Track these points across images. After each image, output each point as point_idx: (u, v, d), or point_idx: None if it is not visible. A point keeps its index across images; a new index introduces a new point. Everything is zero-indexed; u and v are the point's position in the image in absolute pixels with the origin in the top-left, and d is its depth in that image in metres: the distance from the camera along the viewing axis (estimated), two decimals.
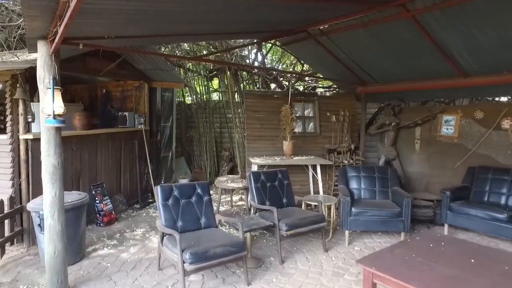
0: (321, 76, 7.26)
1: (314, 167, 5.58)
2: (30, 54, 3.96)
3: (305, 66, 8.73)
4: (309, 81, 8.81)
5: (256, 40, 5.15)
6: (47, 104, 2.72)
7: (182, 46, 7.92)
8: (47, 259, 2.96)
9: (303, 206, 4.76)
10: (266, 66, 8.79)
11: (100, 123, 6.37)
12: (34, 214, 3.52)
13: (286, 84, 8.30)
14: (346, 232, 4.30)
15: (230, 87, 7.69)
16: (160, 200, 3.49)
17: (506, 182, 4.51)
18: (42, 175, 2.92)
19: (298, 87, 8.52)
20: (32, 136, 3.96)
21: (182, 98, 8.48)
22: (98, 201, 4.80)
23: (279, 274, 3.51)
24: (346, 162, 5.95)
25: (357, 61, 5.41)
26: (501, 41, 3.78)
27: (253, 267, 3.63)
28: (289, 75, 8.43)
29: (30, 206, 3.54)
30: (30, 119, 4.05)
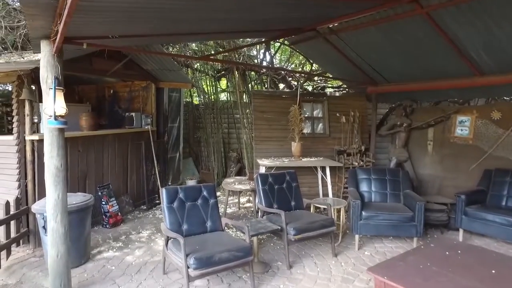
0: (330, 76, 7.12)
1: (323, 169, 5.46)
2: (37, 54, 3.94)
3: (314, 66, 8.60)
4: (318, 81, 8.68)
5: (264, 39, 5.05)
6: (49, 104, 2.67)
7: (190, 46, 7.87)
8: (50, 262, 2.91)
9: (312, 209, 4.64)
10: (275, 66, 8.69)
11: (107, 124, 6.37)
12: (39, 216, 3.48)
13: (294, 84, 8.19)
14: (356, 236, 4.16)
15: (238, 87, 7.61)
16: (165, 202, 3.42)
17: None
18: (45, 177, 2.87)
19: (307, 87, 8.40)
20: (38, 137, 3.94)
21: (190, 99, 8.43)
22: (104, 202, 4.77)
23: (287, 280, 3.41)
24: (356, 164, 5.81)
25: (367, 60, 5.26)
26: None
27: (260, 272, 3.53)
28: (297, 75, 8.31)
29: (35, 207, 3.51)
30: (36, 120, 4.04)
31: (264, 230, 3.54)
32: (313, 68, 8.67)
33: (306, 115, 6.25)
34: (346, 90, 7.64)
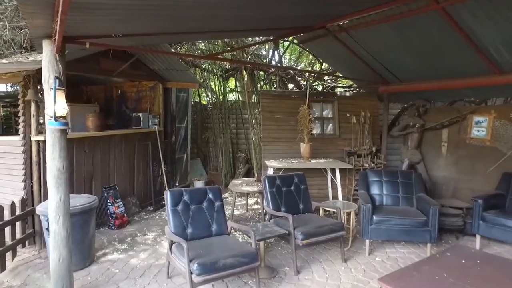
0: (340, 75, 6.96)
1: (333, 171, 5.31)
2: (40, 55, 3.90)
3: (324, 65, 8.44)
4: (328, 80, 8.52)
5: (272, 37, 4.93)
6: (50, 105, 2.61)
7: (198, 46, 7.81)
8: (52, 266, 2.86)
9: (321, 212, 4.51)
10: (284, 65, 8.56)
11: (115, 124, 6.35)
12: (43, 217, 3.45)
13: (304, 84, 8.04)
14: (367, 241, 4.02)
15: (246, 87, 7.51)
16: (169, 205, 3.34)
17: None
18: (47, 179, 2.82)
19: (316, 87, 8.25)
20: (43, 137, 3.89)
21: (198, 99, 8.38)
22: (110, 203, 4.73)
23: (294, 286, 3.29)
24: (367, 165, 5.65)
25: (379, 59, 5.10)
26: None
27: (266, 278, 3.42)
28: (307, 75, 8.17)
29: (39, 209, 3.47)
30: (42, 121, 4.01)
31: (270, 234, 3.43)
32: (322, 67, 8.51)
33: (316, 116, 6.11)
34: (357, 89, 7.47)
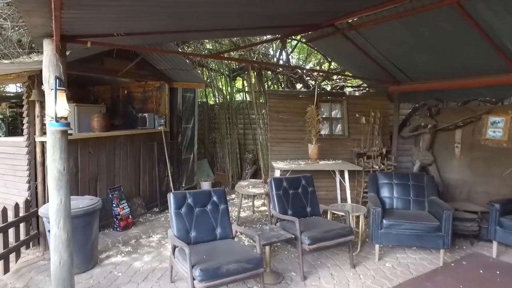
0: (349, 74, 6.81)
1: (342, 173, 5.18)
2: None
3: (332, 64, 8.29)
4: (336, 80, 8.36)
5: (279, 35, 4.81)
6: (51, 106, 2.56)
7: (205, 46, 7.74)
8: (53, 269, 2.80)
9: (329, 215, 4.38)
10: (291, 64, 8.43)
11: (121, 124, 6.32)
12: (45, 219, 3.41)
13: (312, 83, 7.91)
14: (377, 246, 3.88)
15: (253, 87, 7.41)
16: (172, 208, 3.27)
17: None
18: (47, 181, 2.76)
19: (325, 87, 8.10)
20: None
21: (205, 99, 8.31)
22: (115, 205, 4.68)
23: None
24: (377, 167, 5.50)
25: (389, 57, 4.94)
26: None
27: (271, 283, 3.32)
28: (315, 74, 8.03)
29: (42, 211, 3.44)
30: (46, 121, 3.97)
31: (276, 239, 3.32)
32: (331, 67, 8.36)
33: (324, 116, 5.98)
34: (366, 89, 7.30)
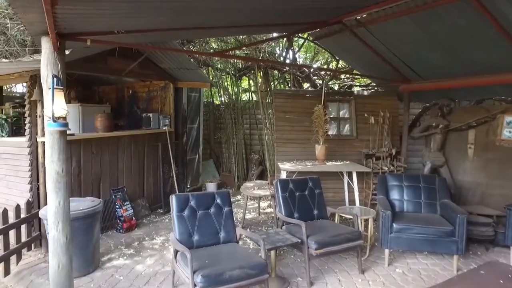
0: (358, 73, 6.65)
1: (350, 174, 5.03)
2: None
3: (340, 63, 8.14)
4: (344, 79, 8.21)
5: (286, 33, 4.69)
6: (48, 105, 2.48)
7: (210, 45, 7.65)
8: (51, 273, 2.73)
9: (337, 218, 4.25)
10: (298, 63, 8.30)
11: (126, 125, 6.27)
12: (45, 221, 3.34)
13: (319, 83, 7.76)
14: (386, 251, 3.73)
15: (259, 87, 7.30)
16: (174, 211, 3.17)
17: None
18: (46, 183, 2.69)
19: (332, 86, 7.95)
20: None
21: (210, 99, 8.22)
22: (118, 206, 4.61)
23: None
24: (386, 168, 5.34)
25: (399, 55, 4.78)
26: None
27: None
28: (322, 73, 7.88)
29: (42, 213, 3.38)
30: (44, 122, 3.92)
31: (282, 243, 3.20)
32: (339, 65, 8.21)
33: (332, 116, 5.84)
34: (375, 88, 7.14)
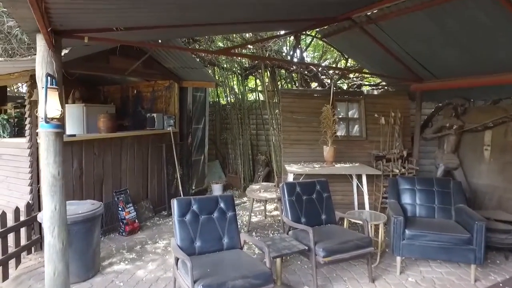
0: (368, 72, 6.46)
1: (359, 177, 4.85)
2: None
3: (349, 62, 7.94)
4: (353, 78, 8.01)
5: (293, 31, 4.52)
6: (41, 105, 2.37)
7: (216, 43, 7.52)
8: (47, 281, 2.62)
9: (345, 223, 4.07)
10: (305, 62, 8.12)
11: (131, 125, 6.18)
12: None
13: (328, 82, 7.58)
14: (398, 258, 3.55)
15: (266, 86, 7.15)
16: (176, 215, 3.04)
17: None
18: (41, 186, 2.59)
19: (341, 85, 7.76)
20: None
21: (216, 99, 8.10)
22: (120, 208, 4.51)
23: None
24: (397, 171, 5.13)
25: (412, 53, 4.59)
26: None
27: None
28: (331, 72, 7.69)
29: (40, 216, 3.27)
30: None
31: (288, 250, 3.06)
32: (348, 64, 8.01)
33: (340, 116, 5.66)
34: (386, 88, 6.93)
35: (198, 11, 2.83)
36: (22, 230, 3.63)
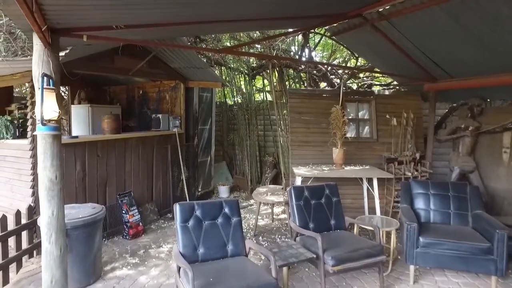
0: (379, 71, 6.26)
1: (370, 180, 4.67)
2: None
3: (359, 61, 7.73)
4: (363, 78, 7.80)
5: (301, 28, 4.36)
6: (38, 107, 2.27)
7: (223, 42, 7.40)
8: None
9: (355, 229, 3.90)
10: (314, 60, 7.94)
11: (136, 126, 6.11)
12: None
13: (337, 82, 7.39)
14: (411, 267, 3.37)
15: (274, 86, 7.00)
16: (178, 221, 2.93)
17: None
18: (38, 191, 2.49)
19: (351, 85, 7.56)
20: None
21: (223, 99, 7.98)
22: (124, 211, 4.42)
23: None
24: (409, 174, 4.94)
25: (426, 51, 4.39)
26: None
27: None
28: (340, 71, 7.50)
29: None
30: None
31: (295, 259, 2.91)
32: (358, 64, 7.81)
33: (350, 117, 5.49)
34: (397, 87, 6.71)
35: (201, 7, 2.71)
36: (24, 234, 3.57)
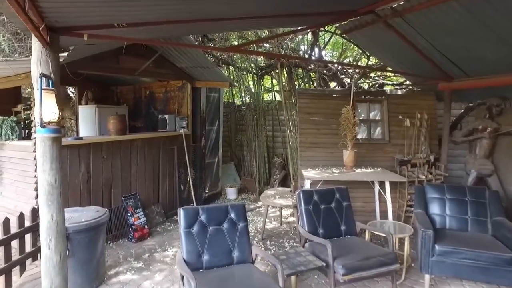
0: (391, 70, 6.07)
1: (382, 183, 4.50)
2: None
3: (371, 60, 7.54)
4: (375, 77, 7.60)
5: (311, 25, 4.22)
6: (37, 109, 2.19)
7: (230, 41, 7.30)
8: None
9: (367, 235, 3.75)
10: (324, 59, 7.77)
11: (143, 127, 6.05)
12: None
13: (348, 81, 7.21)
14: (427, 276, 3.20)
15: (283, 86, 6.86)
16: (182, 226, 2.82)
17: None
18: (38, 194, 2.42)
19: (362, 85, 7.37)
20: None
21: (231, 99, 7.88)
22: (129, 214, 4.35)
23: None
24: (423, 177, 4.75)
25: (442, 49, 4.20)
26: None
27: None
28: (351, 71, 7.32)
29: None
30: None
31: (304, 267, 2.77)
32: (369, 63, 7.61)
33: (361, 118, 5.32)
34: (410, 87, 6.51)
35: (207, 5, 2.59)
36: (27, 236, 3.51)
